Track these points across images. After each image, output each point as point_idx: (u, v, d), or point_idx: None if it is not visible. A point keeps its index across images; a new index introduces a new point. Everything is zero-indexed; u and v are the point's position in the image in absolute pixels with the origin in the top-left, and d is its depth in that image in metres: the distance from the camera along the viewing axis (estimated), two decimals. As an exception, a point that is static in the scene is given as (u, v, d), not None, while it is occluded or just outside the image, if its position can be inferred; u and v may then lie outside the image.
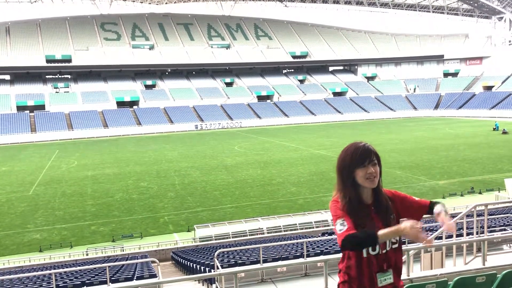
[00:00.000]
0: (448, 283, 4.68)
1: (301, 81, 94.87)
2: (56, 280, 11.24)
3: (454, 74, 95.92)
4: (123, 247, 20.49)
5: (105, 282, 10.67)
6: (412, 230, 2.60)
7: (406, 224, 2.64)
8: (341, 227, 2.74)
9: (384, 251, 2.85)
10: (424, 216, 3.02)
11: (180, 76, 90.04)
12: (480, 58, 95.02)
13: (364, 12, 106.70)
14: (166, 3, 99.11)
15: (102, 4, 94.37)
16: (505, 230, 11.91)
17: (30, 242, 21.63)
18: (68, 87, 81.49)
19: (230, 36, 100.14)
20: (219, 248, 16.20)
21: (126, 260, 16.07)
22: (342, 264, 2.96)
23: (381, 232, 2.67)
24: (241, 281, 9.53)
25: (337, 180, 2.89)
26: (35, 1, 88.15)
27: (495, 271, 4.92)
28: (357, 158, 2.78)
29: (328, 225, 21.39)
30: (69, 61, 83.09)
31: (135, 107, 77.62)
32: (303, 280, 9.40)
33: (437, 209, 2.87)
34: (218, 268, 9.99)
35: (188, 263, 15.07)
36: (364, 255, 2.83)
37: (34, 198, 29.62)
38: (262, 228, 21.48)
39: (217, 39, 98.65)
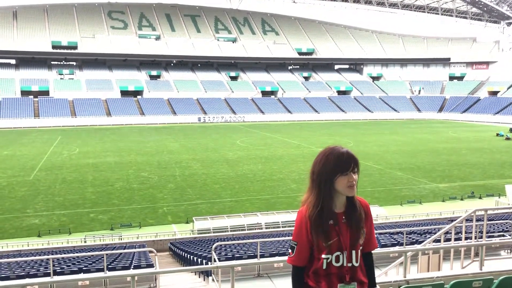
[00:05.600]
0: (445, 286, 4.67)
1: (306, 78, 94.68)
2: (53, 265, 11.29)
3: (460, 78, 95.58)
4: (121, 236, 20.56)
5: (102, 270, 10.71)
6: None
7: None
8: (290, 251, 2.85)
9: (349, 264, 2.76)
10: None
11: (185, 68, 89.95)
12: (487, 63, 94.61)
13: (372, 12, 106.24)
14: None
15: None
16: (503, 236, 11.91)
17: (29, 226, 21.73)
18: (73, 74, 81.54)
19: (236, 30, 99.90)
20: (217, 241, 16.26)
21: (124, 249, 16.13)
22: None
23: None
24: (237, 275, 9.55)
25: (312, 184, 2.75)
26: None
27: (492, 277, 4.91)
28: (341, 165, 2.65)
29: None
30: (75, 48, 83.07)
31: (139, 97, 77.62)
32: (300, 276, 9.36)
33: None
34: (215, 260, 10.01)
35: (186, 254, 15.11)
36: (324, 266, 2.75)
37: (34, 183, 29.71)
38: (261, 223, 21.52)
39: (224, 32, 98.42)
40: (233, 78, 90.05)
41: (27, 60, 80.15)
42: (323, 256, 2.73)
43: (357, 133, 58.89)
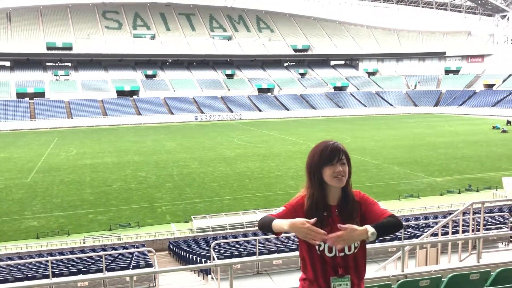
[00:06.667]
0: (442, 279, 4.70)
1: (302, 75, 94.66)
2: (52, 267, 11.28)
3: (456, 72, 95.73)
4: (120, 236, 20.56)
5: (101, 271, 10.71)
6: (301, 227, 2.53)
7: (298, 220, 2.57)
8: (272, 212, 2.83)
9: (341, 254, 2.78)
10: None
11: (180, 67, 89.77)
12: (482, 56, 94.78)
13: (367, 7, 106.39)
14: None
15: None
16: (500, 228, 11.96)
17: (28, 229, 21.69)
18: (68, 75, 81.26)
19: (232, 27, 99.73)
20: (216, 239, 16.27)
21: (123, 249, 16.13)
22: (301, 264, 2.94)
23: (275, 221, 2.68)
24: (236, 273, 9.57)
25: (306, 178, 2.85)
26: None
27: (489, 269, 4.94)
28: (326, 156, 2.73)
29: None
30: (70, 49, 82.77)
31: (135, 96, 77.46)
32: (298, 273, 9.41)
33: (366, 227, 2.63)
34: (214, 259, 10.02)
35: (185, 253, 15.12)
36: (318, 252, 2.78)
37: (32, 185, 29.64)
38: (259, 221, 21.51)
39: (219, 30, 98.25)
40: (229, 76, 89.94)
41: (22, 62, 79.84)
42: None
43: (354, 128, 58.95)
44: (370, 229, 2.62)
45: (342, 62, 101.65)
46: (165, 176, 31.77)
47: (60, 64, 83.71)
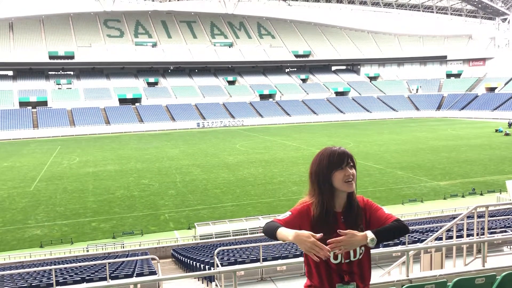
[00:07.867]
0: (448, 284, 4.67)
1: (304, 80, 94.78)
2: (56, 276, 11.26)
3: (457, 75, 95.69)
4: (123, 244, 20.54)
5: (105, 279, 10.69)
6: (307, 241, 2.50)
7: (303, 233, 2.53)
8: (278, 217, 2.80)
9: (347, 261, 2.77)
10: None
11: (182, 74, 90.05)
12: (483, 59, 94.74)
13: (368, 12, 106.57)
14: (169, 1, 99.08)
15: (105, 1, 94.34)
16: (505, 231, 11.90)
17: (31, 237, 21.69)
18: (70, 84, 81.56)
19: (233, 34, 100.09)
20: (219, 246, 16.23)
21: (127, 257, 16.10)
22: (306, 270, 2.92)
23: (280, 229, 2.64)
24: (240, 280, 9.54)
25: (311, 185, 2.80)
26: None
27: (494, 273, 4.91)
28: (334, 161, 2.71)
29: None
30: (72, 57, 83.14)
31: (137, 104, 77.64)
32: (303, 279, 9.34)
33: (368, 232, 2.64)
34: (217, 266, 9.99)
35: (188, 260, 15.08)
36: (323, 263, 2.76)
37: (35, 194, 29.68)
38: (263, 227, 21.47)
39: (220, 37, 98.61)
40: (231, 83, 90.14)
41: (24, 71, 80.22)
42: None
43: (356, 133, 58.91)
44: (369, 235, 2.62)
45: (344, 67, 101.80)
46: (168, 183, 31.78)
47: (62, 72, 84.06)
